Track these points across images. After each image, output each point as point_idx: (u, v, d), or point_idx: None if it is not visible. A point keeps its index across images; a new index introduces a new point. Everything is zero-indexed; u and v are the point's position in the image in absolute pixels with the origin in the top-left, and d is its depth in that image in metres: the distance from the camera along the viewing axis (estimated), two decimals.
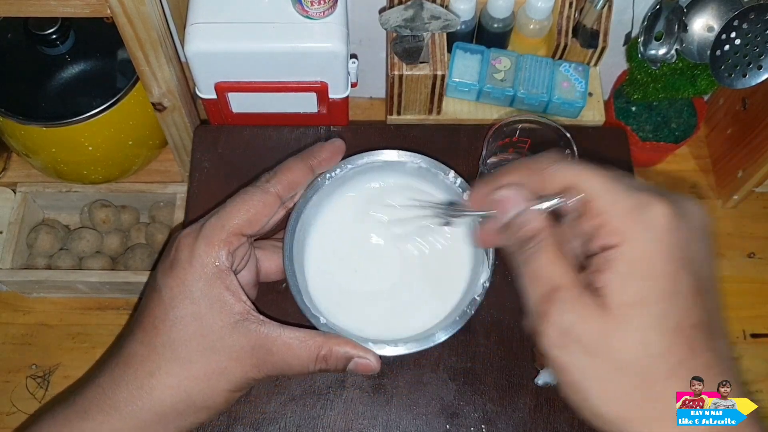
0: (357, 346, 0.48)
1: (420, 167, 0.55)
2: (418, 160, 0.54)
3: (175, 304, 0.45)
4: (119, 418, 0.44)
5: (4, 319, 0.81)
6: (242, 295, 0.46)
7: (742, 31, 0.64)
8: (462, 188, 0.53)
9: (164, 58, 0.64)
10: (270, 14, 0.63)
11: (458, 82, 0.72)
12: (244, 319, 0.45)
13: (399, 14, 0.65)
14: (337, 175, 0.54)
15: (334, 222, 0.56)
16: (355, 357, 0.47)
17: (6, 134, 0.79)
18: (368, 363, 0.48)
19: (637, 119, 0.82)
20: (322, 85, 0.67)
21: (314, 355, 0.46)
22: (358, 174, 0.55)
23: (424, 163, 0.54)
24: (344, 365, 0.47)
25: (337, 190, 0.56)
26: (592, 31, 0.72)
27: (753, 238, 0.86)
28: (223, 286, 0.45)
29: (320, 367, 0.47)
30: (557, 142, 0.58)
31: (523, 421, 0.56)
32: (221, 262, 0.45)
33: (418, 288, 0.55)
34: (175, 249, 0.46)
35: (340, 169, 0.54)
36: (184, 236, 0.47)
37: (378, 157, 0.54)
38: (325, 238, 0.56)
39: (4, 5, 0.57)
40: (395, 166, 0.56)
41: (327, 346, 0.47)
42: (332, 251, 0.56)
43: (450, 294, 0.54)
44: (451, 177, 0.54)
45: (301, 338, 0.46)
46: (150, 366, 0.44)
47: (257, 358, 0.45)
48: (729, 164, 0.84)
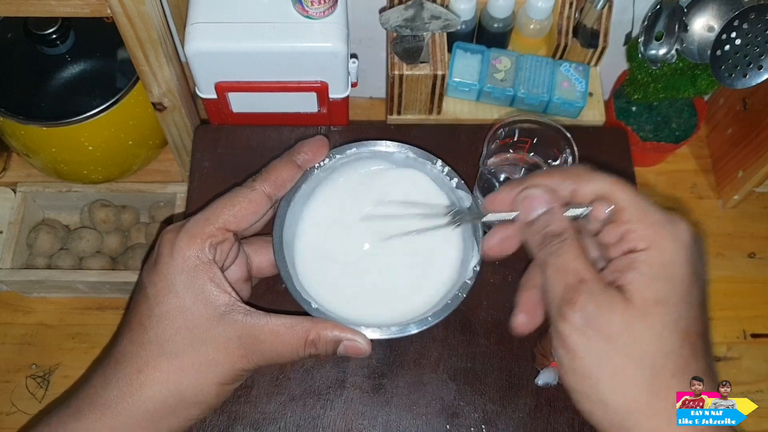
0: (345, 329, 0.47)
1: (407, 157, 0.56)
2: (406, 150, 0.55)
3: (159, 300, 0.45)
4: (111, 416, 0.44)
5: (4, 319, 0.81)
6: (227, 287, 0.46)
7: (742, 31, 0.64)
8: (449, 176, 0.55)
9: (164, 57, 0.64)
10: (270, 14, 0.63)
11: (458, 82, 0.72)
12: (230, 310, 0.45)
13: (399, 14, 0.65)
14: (326, 164, 0.54)
15: (325, 209, 0.56)
16: (344, 340, 0.47)
17: (6, 134, 0.79)
18: (358, 345, 0.47)
19: (637, 119, 0.82)
20: (322, 85, 0.67)
21: (302, 339, 0.46)
22: (346, 164, 0.56)
23: (412, 153, 0.55)
24: (334, 349, 0.47)
25: (326, 179, 0.56)
26: (593, 31, 0.72)
27: (753, 238, 0.86)
28: (207, 278, 0.45)
29: (309, 351, 0.46)
30: (557, 142, 0.58)
31: (523, 421, 0.56)
32: (203, 254, 0.45)
33: (409, 273, 0.55)
34: (158, 246, 0.47)
35: (329, 158, 0.54)
36: (166, 232, 0.47)
37: (366, 148, 0.55)
38: (315, 225, 0.56)
39: (4, 5, 0.57)
40: (383, 156, 0.56)
41: (315, 330, 0.46)
42: (323, 239, 0.55)
43: (441, 279, 0.54)
44: (438, 166, 0.55)
45: (288, 324, 0.46)
46: (138, 363, 0.44)
47: (245, 347, 0.45)
48: (729, 164, 0.84)
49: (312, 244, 0.55)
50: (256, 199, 0.49)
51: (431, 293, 0.53)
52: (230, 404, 0.57)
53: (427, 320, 0.49)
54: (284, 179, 0.51)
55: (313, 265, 0.54)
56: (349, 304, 0.52)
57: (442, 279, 0.54)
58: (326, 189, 0.56)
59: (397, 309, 0.53)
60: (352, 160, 0.56)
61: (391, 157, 0.56)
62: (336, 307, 0.52)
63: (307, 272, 0.54)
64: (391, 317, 0.52)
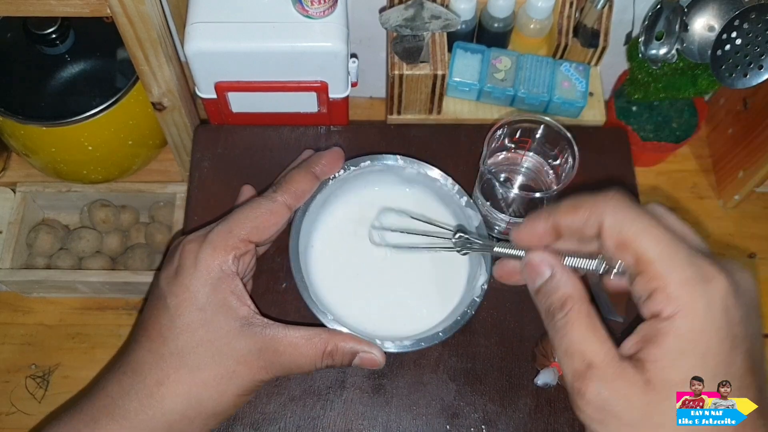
0: (362, 341, 0.48)
1: (419, 173, 0.57)
2: (417, 166, 0.57)
3: (181, 312, 0.45)
4: (129, 427, 0.44)
5: (4, 319, 0.80)
6: (247, 299, 0.46)
7: (743, 30, 0.64)
8: (459, 194, 0.56)
9: (164, 57, 0.64)
10: (270, 14, 0.63)
11: (458, 81, 0.72)
12: (250, 323, 0.46)
13: (399, 14, 0.65)
14: (340, 176, 0.56)
15: (339, 222, 0.58)
16: (360, 352, 0.48)
17: (6, 134, 0.79)
18: (373, 357, 0.48)
19: (637, 119, 0.82)
20: (322, 85, 0.67)
21: (321, 351, 0.47)
22: (359, 176, 0.57)
23: (423, 169, 0.57)
24: (350, 360, 0.48)
25: (340, 190, 0.57)
26: (593, 31, 0.71)
27: (753, 238, 0.86)
28: (228, 290, 0.45)
29: (327, 363, 0.47)
30: (558, 142, 0.58)
31: (523, 421, 0.56)
32: (227, 267, 0.45)
33: (419, 288, 0.56)
34: (179, 256, 0.46)
35: (343, 170, 0.56)
36: (188, 242, 0.47)
37: (379, 162, 0.57)
38: (329, 237, 0.57)
39: (4, 5, 0.57)
40: (395, 170, 0.58)
41: (333, 342, 0.47)
42: (337, 251, 0.57)
43: (450, 295, 0.56)
44: (449, 183, 0.57)
45: (306, 336, 0.46)
46: (159, 375, 0.44)
47: (265, 360, 0.46)
48: (730, 164, 0.84)
49: (325, 255, 0.57)
50: (278, 210, 0.49)
51: (440, 308, 0.56)
52: None
53: (438, 335, 0.51)
54: (303, 190, 0.51)
55: (327, 276, 0.56)
56: (361, 318, 0.54)
57: (450, 294, 0.56)
58: (340, 201, 0.58)
59: (408, 323, 0.55)
60: (365, 173, 0.57)
61: (402, 172, 0.58)
62: (349, 318, 0.53)
63: (321, 283, 0.55)
64: (402, 331, 0.53)
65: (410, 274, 0.57)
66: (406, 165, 0.57)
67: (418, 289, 0.57)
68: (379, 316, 0.55)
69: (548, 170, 0.61)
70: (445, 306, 0.55)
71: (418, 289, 0.57)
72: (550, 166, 0.61)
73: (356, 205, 0.59)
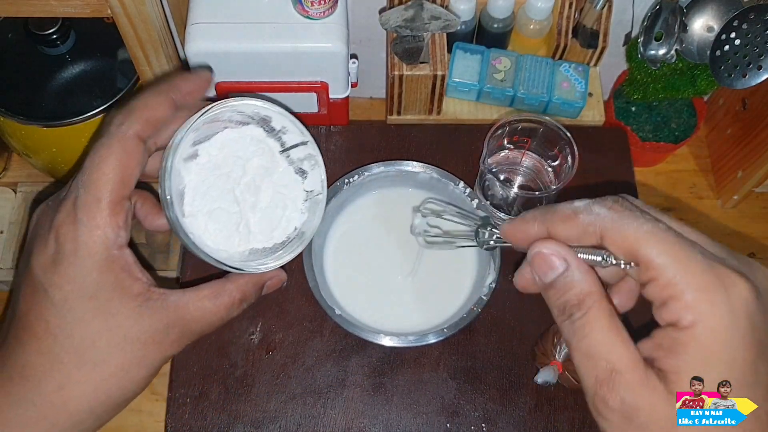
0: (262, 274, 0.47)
1: (432, 177, 0.60)
2: (430, 171, 0.60)
3: (70, 305, 0.39)
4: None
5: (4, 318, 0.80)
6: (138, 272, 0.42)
7: (742, 31, 0.64)
8: (470, 197, 0.59)
9: (164, 58, 0.64)
10: (270, 14, 0.63)
11: (458, 82, 0.72)
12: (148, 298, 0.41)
13: (399, 14, 0.65)
14: (355, 181, 0.59)
15: (352, 223, 0.61)
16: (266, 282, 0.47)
17: (6, 134, 0.79)
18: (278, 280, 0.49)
19: (636, 119, 0.82)
20: (322, 85, 0.67)
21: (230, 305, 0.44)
22: (373, 181, 0.61)
23: (436, 174, 0.60)
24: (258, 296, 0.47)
25: (354, 194, 0.60)
26: (592, 32, 0.72)
27: (753, 238, 0.86)
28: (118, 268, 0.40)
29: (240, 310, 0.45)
30: (557, 142, 0.58)
31: (523, 419, 0.56)
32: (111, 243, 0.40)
33: (429, 287, 0.58)
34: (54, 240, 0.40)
35: (358, 176, 0.59)
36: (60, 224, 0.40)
37: (393, 167, 0.60)
38: (343, 237, 0.61)
39: (4, 5, 0.57)
40: (409, 176, 0.61)
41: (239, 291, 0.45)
42: (349, 249, 0.60)
43: (458, 293, 0.58)
44: (460, 187, 0.60)
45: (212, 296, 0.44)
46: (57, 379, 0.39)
47: (175, 333, 0.42)
48: (729, 164, 0.84)
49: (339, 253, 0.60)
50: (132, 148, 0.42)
51: (448, 305, 0.58)
52: (231, 403, 0.57)
53: (444, 332, 0.54)
54: (157, 118, 0.43)
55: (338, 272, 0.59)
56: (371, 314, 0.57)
57: (458, 292, 0.58)
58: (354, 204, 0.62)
59: (414, 318, 0.58)
60: (379, 178, 0.60)
61: (416, 177, 0.60)
62: (356, 311, 0.56)
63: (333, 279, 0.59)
64: (409, 326, 0.56)
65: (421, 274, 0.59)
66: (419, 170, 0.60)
67: (428, 288, 0.59)
68: (387, 311, 0.57)
69: (548, 170, 0.62)
70: (453, 303, 0.57)
71: (428, 288, 0.59)
72: (550, 166, 0.61)
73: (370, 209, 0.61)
